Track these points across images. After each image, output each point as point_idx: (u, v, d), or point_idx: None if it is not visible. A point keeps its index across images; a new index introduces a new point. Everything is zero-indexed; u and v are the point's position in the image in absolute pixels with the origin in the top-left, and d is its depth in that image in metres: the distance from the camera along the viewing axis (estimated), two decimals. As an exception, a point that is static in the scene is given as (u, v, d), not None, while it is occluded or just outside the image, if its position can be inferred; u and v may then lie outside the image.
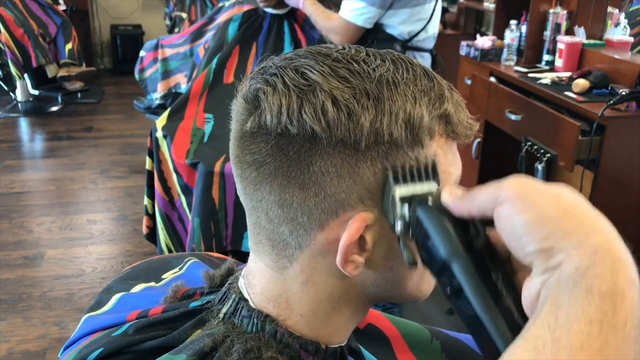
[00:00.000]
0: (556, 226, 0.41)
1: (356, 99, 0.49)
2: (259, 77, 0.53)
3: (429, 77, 0.54)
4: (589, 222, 0.41)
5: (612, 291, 0.39)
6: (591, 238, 0.40)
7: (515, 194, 0.42)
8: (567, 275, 0.40)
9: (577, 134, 2.13)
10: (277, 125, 0.50)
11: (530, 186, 0.43)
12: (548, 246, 0.40)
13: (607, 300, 0.39)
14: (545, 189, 0.43)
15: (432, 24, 2.29)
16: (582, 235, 0.40)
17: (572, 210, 0.41)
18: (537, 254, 0.41)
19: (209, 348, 0.55)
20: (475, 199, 0.45)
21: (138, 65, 2.95)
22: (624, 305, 0.39)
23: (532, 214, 0.41)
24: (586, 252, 0.40)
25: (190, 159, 2.18)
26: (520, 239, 0.42)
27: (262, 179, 0.53)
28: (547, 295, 0.41)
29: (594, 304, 0.38)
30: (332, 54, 0.53)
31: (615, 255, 0.40)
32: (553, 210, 0.41)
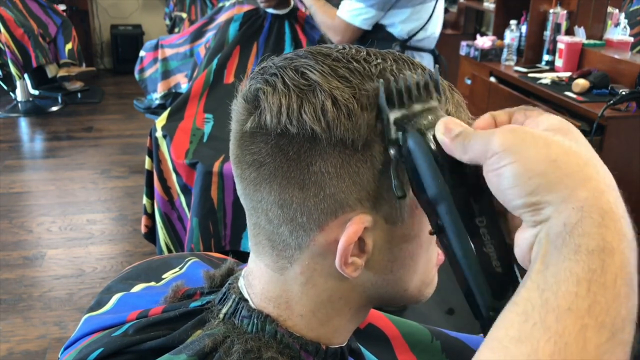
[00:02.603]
0: (542, 180, 0.40)
1: (356, 99, 0.49)
2: (259, 77, 0.53)
3: None
4: (577, 173, 0.40)
5: (601, 248, 0.38)
6: (578, 191, 0.39)
7: (504, 146, 0.41)
8: (556, 231, 0.39)
9: (577, 134, 2.13)
10: (277, 125, 0.50)
11: (520, 136, 0.41)
12: (535, 200, 0.40)
13: (595, 258, 0.38)
14: (536, 138, 0.41)
15: (432, 23, 2.29)
16: (568, 188, 0.39)
17: (561, 160, 0.40)
18: (525, 208, 0.41)
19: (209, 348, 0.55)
20: (467, 149, 0.44)
21: (138, 65, 2.95)
22: (613, 262, 0.38)
23: (518, 167, 0.40)
24: (574, 207, 0.39)
25: (189, 159, 2.18)
26: (507, 193, 0.41)
27: (262, 179, 0.52)
28: (537, 251, 0.40)
29: (581, 262, 0.38)
30: (333, 53, 0.53)
31: (604, 208, 0.39)
32: (540, 163, 0.40)
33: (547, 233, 0.40)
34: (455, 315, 2.43)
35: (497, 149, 0.41)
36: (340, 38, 2.22)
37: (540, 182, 0.40)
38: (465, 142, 0.44)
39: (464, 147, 0.44)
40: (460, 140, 0.44)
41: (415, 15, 2.21)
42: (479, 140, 0.43)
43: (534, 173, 0.40)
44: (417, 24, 2.23)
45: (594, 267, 0.38)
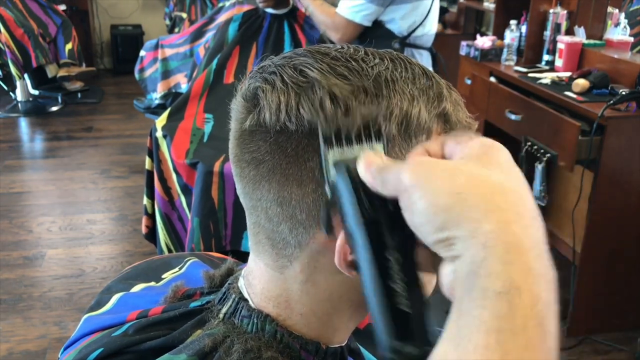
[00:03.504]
0: (447, 215, 0.37)
1: (354, 96, 0.49)
2: (258, 75, 0.53)
3: (428, 76, 0.54)
4: (482, 204, 0.37)
5: (507, 289, 0.35)
6: (483, 224, 0.36)
7: (412, 180, 0.39)
8: (465, 271, 0.37)
9: (577, 134, 2.13)
10: (276, 123, 0.50)
11: (427, 168, 0.40)
12: (444, 236, 0.38)
13: (502, 301, 0.35)
14: (443, 169, 0.39)
15: (430, 20, 2.29)
16: (474, 222, 0.37)
17: (467, 192, 0.38)
18: (437, 245, 0.38)
19: (209, 348, 0.55)
20: (385, 185, 0.42)
21: (138, 65, 2.95)
22: (521, 303, 0.35)
23: (425, 202, 0.38)
24: (478, 243, 0.36)
25: (189, 159, 2.18)
26: (419, 230, 0.39)
27: (261, 177, 0.53)
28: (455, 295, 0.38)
29: (489, 308, 0.35)
30: (331, 52, 0.53)
31: (509, 241, 0.36)
32: (444, 196, 0.38)
33: (457, 274, 0.37)
34: (455, 315, 2.43)
35: (407, 183, 0.40)
36: (341, 35, 2.22)
37: (446, 217, 0.37)
38: (383, 176, 0.42)
39: (382, 182, 0.42)
40: (379, 175, 0.43)
41: (414, 11, 2.22)
42: (392, 175, 0.41)
43: (439, 208, 0.38)
44: (415, 20, 2.24)
45: (502, 313, 0.34)
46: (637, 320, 2.44)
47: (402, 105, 0.50)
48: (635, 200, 2.26)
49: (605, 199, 2.23)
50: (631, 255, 2.34)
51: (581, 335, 2.37)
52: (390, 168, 0.42)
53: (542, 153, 2.29)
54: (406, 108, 0.50)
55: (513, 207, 0.37)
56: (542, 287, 0.36)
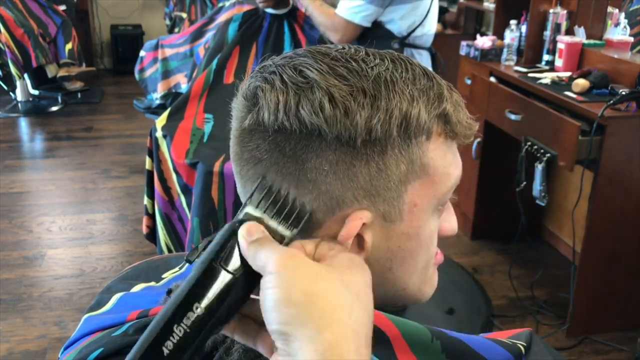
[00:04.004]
0: (296, 312, 0.40)
1: (353, 97, 0.49)
2: (259, 75, 0.53)
3: (428, 76, 0.54)
4: (329, 313, 0.40)
5: None
6: (325, 333, 0.39)
7: (277, 268, 0.42)
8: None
9: (577, 134, 2.13)
10: (275, 122, 0.50)
11: (295, 262, 0.42)
12: (286, 330, 0.40)
13: None
14: (309, 269, 0.42)
15: (429, 20, 2.29)
16: (316, 327, 0.39)
17: (319, 297, 0.41)
18: (277, 335, 0.41)
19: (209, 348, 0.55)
20: (256, 257, 0.44)
21: (138, 65, 2.95)
22: None
23: (281, 293, 0.41)
24: (316, 349, 0.39)
25: (189, 159, 2.18)
26: (266, 315, 0.41)
27: (259, 175, 0.53)
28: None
29: None
30: (331, 52, 0.53)
31: (343, 356, 0.39)
32: (299, 294, 0.40)
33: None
34: (455, 315, 2.43)
35: (271, 269, 0.42)
36: (340, 36, 2.22)
37: (294, 314, 0.40)
38: (258, 249, 0.44)
39: (255, 254, 0.45)
40: (255, 246, 0.45)
41: (414, 11, 2.22)
42: (265, 254, 0.44)
43: (291, 302, 0.40)
44: (415, 20, 2.24)
45: None
46: (637, 320, 2.44)
47: (401, 106, 0.50)
48: (635, 201, 2.26)
49: (605, 199, 2.23)
50: (631, 255, 2.34)
51: (581, 335, 2.37)
52: (265, 246, 0.45)
53: (542, 153, 2.29)
54: (405, 109, 0.50)
55: (353, 324, 0.41)
56: None
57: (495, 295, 2.63)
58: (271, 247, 0.44)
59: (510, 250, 2.88)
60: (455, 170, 0.56)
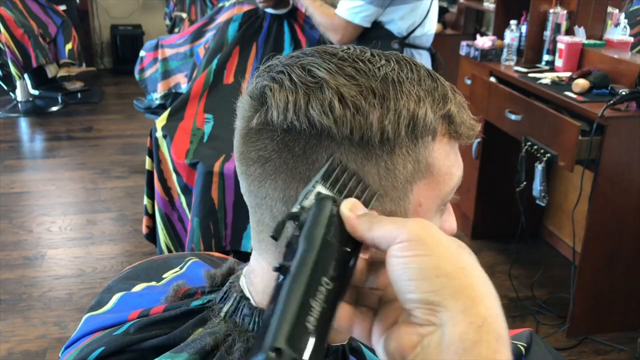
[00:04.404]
0: (448, 282, 0.39)
1: (363, 96, 0.49)
2: (266, 74, 0.53)
3: (433, 78, 0.54)
4: (479, 288, 0.40)
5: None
6: (479, 307, 0.39)
7: (418, 237, 0.41)
8: (449, 342, 0.38)
9: (577, 134, 2.13)
10: (284, 122, 0.50)
11: (434, 234, 0.42)
12: (435, 300, 0.39)
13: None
14: (447, 241, 0.42)
15: (429, 20, 2.29)
16: (470, 300, 0.39)
17: (468, 270, 0.40)
18: (421, 304, 0.40)
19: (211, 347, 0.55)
20: (373, 228, 0.44)
21: (138, 65, 2.95)
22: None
23: (429, 262, 0.40)
24: (472, 322, 0.38)
25: (189, 159, 2.18)
26: (408, 283, 0.40)
27: (267, 175, 0.53)
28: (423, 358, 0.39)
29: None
30: (338, 53, 0.53)
31: (499, 332, 0.39)
32: (449, 265, 0.40)
33: (439, 341, 0.39)
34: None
35: (411, 237, 0.41)
36: (340, 37, 2.22)
37: (446, 284, 0.39)
38: (374, 221, 0.44)
39: (370, 225, 0.44)
40: (367, 219, 0.45)
41: (414, 11, 2.22)
42: (391, 224, 0.43)
43: (442, 272, 0.40)
44: (415, 21, 2.24)
45: None
46: (637, 320, 2.44)
47: (409, 106, 0.50)
48: (635, 201, 2.26)
49: (605, 199, 2.24)
50: (631, 255, 2.34)
51: (581, 335, 2.37)
52: (379, 218, 0.44)
53: (542, 153, 2.29)
54: (413, 109, 0.51)
55: (497, 301, 0.41)
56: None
57: (495, 295, 2.62)
58: (388, 219, 0.44)
59: (510, 250, 2.88)
60: (457, 170, 0.56)
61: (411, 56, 0.70)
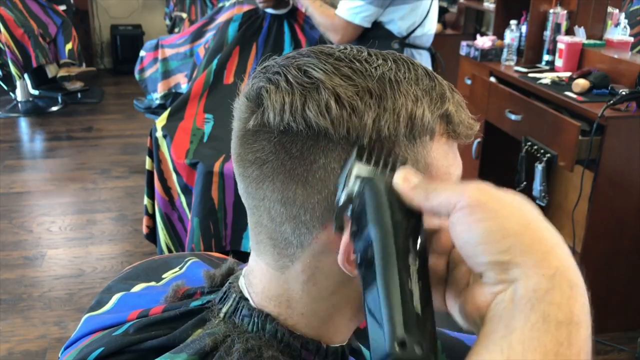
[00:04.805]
0: (516, 240, 0.40)
1: (359, 97, 0.49)
2: (262, 75, 0.53)
3: (430, 77, 0.54)
4: (549, 240, 0.41)
5: (569, 320, 0.39)
6: (550, 258, 0.40)
7: (478, 202, 0.41)
8: (522, 294, 0.39)
9: (577, 134, 2.13)
10: (280, 123, 0.50)
11: (494, 195, 0.42)
12: (505, 259, 0.40)
13: (563, 330, 0.39)
14: (509, 200, 0.42)
15: (429, 20, 2.29)
16: (540, 253, 0.40)
17: (534, 225, 0.41)
18: (492, 266, 0.41)
19: (210, 347, 0.55)
20: (431, 197, 0.44)
21: (138, 65, 2.95)
22: (579, 335, 0.39)
23: (494, 225, 0.41)
24: (544, 274, 0.39)
25: (189, 159, 2.18)
26: (476, 247, 0.41)
27: (265, 177, 0.53)
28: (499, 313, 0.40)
29: (550, 333, 0.38)
30: (335, 53, 0.53)
31: (573, 281, 0.40)
32: (515, 224, 0.41)
33: (512, 296, 0.40)
34: (455, 315, 2.43)
35: (472, 202, 0.42)
36: (340, 37, 2.22)
37: (514, 243, 0.40)
38: (430, 189, 0.44)
39: (426, 195, 0.44)
40: (422, 188, 0.45)
41: (414, 11, 2.22)
42: (448, 191, 0.43)
43: (509, 233, 0.40)
44: (415, 21, 2.24)
45: (561, 340, 0.38)
46: (637, 320, 2.44)
47: (407, 106, 0.50)
48: (635, 200, 2.26)
49: (605, 199, 2.23)
50: (631, 255, 2.34)
51: (581, 335, 2.37)
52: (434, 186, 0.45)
53: (542, 153, 2.29)
54: (411, 109, 0.50)
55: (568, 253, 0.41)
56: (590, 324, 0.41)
57: (495, 295, 2.62)
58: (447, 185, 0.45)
59: (510, 250, 2.87)
60: (455, 170, 0.56)
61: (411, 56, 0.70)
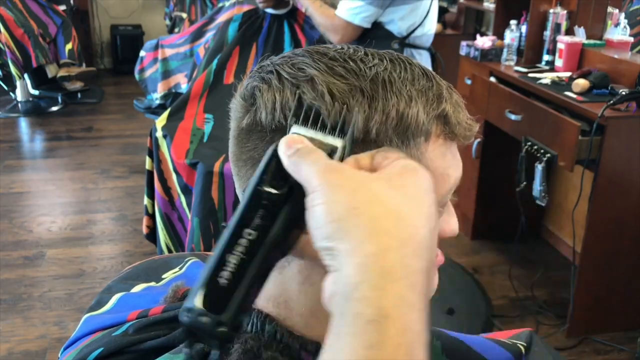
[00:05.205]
0: (339, 225, 0.37)
1: (351, 95, 0.49)
2: (256, 75, 0.54)
3: (428, 77, 0.53)
4: (372, 224, 0.37)
5: (378, 317, 0.34)
6: (366, 245, 0.36)
7: (320, 185, 0.39)
8: (341, 291, 0.36)
9: (577, 134, 2.13)
10: (272, 122, 0.50)
11: (336, 177, 0.39)
12: (330, 245, 0.38)
13: (373, 329, 0.34)
14: (349, 181, 0.39)
15: (429, 20, 2.29)
16: (357, 240, 0.37)
17: (362, 208, 0.38)
18: (324, 252, 0.39)
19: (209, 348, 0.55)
20: (299, 168, 0.41)
21: (138, 65, 2.95)
22: (391, 332, 0.34)
23: (324, 209, 0.38)
24: (356, 263, 0.36)
25: (189, 159, 2.18)
26: (313, 232, 0.39)
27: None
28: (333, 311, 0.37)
29: (360, 336, 0.34)
30: (330, 52, 0.53)
31: (385, 268, 0.36)
32: (341, 208, 0.38)
33: (337, 288, 0.37)
34: (455, 316, 2.43)
35: (315, 185, 0.39)
36: (340, 37, 2.22)
37: (336, 228, 0.37)
38: (300, 161, 0.41)
39: (298, 167, 0.41)
40: (296, 158, 0.42)
41: (414, 12, 2.22)
42: (307, 168, 0.41)
43: (333, 217, 0.38)
44: (415, 21, 2.24)
45: (372, 342, 0.34)
46: (637, 320, 2.44)
47: (398, 106, 0.50)
48: (635, 201, 2.26)
49: (605, 199, 2.23)
50: (631, 256, 2.34)
51: (581, 335, 2.37)
52: (306, 157, 0.41)
53: (542, 153, 2.29)
54: (402, 110, 0.50)
55: (399, 234, 0.37)
56: (412, 317, 0.36)
57: (495, 295, 2.63)
58: (312, 158, 0.41)
59: (510, 250, 2.88)
60: (454, 171, 0.55)
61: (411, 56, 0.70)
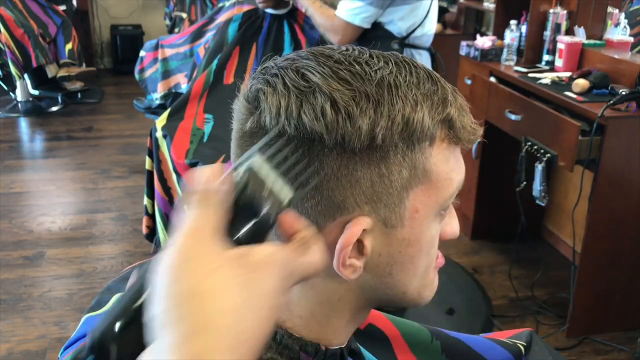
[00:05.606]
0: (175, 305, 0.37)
1: (355, 102, 0.49)
2: (261, 77, 0.53)
3: (433, 80, 0.53)
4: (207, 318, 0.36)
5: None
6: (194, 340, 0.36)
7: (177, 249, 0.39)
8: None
9: (577, 134, 2.13)
10: (276, 126, 0.50)
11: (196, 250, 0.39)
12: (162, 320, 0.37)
13: None
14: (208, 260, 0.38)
15: (429, 21, 2.29)
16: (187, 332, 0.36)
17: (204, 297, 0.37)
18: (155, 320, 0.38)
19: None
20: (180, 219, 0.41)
21: (138, 65, 2.95)
22: None
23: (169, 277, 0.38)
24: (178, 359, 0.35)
25: (189, 159, 2.18)
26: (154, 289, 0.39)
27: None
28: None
29: None
30: (335, 55, 0.53)
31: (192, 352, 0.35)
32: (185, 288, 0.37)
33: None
34: (455, 315, 2.43)
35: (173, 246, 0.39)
36: (340, 38, 2.22)
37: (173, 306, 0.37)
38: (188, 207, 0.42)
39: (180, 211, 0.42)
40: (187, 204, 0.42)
41: (413, 12, 2.21)
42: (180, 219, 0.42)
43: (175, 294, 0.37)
44: (415, 21, 2.24)
45: None
46: (637, 320, 2.44)
47: (404, 111, 0.50)
48: (635, 201, 2.26)
49: (605, 199, 2.23)
50: (631, 255, 2.34)
51: (581, 335, 2.37)
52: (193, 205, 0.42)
53: (542, 153, 2.29)
54: (408, 114, 0.50)
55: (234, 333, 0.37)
56: None
57: (495, 295, 2.63)
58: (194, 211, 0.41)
59: (510, 250, 2.88)
60: (457, 175, 0.55)
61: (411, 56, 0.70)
